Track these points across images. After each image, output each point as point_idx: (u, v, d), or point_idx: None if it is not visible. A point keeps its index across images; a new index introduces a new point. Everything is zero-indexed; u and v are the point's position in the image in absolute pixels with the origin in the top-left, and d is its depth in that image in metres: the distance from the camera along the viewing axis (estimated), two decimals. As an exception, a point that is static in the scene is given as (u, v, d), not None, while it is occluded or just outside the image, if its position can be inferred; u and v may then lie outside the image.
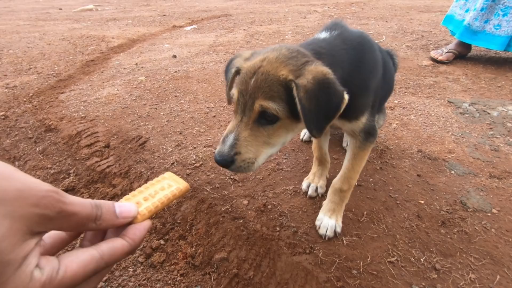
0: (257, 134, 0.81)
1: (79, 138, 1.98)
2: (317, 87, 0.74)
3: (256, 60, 0.82)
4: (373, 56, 1.05)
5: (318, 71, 0.77)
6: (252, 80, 0.79)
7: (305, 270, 1.08)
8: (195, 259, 1.26)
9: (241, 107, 0.81)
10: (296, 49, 0.85)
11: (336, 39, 0.99)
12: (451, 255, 1.10)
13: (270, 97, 0.77)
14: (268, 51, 0.85)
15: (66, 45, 3.83)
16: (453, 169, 1.51)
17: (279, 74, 0.78)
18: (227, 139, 0.81)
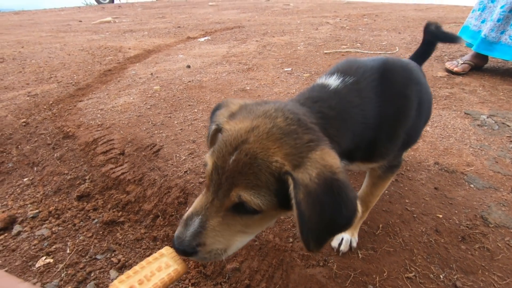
0: (230, 223, 0.63)
1: (95, 145, 2.03)
2: (323, 189, 0.54)
3: (242, 128, 0.62)
4: (399, 103, 0.84)
5: (325, 165, 0.56)
6: (232, 158, 0.59)
7: (319, 284, 1.06)
8: (207, 268, 1.25)
9: (214, 185, 0.62)
10: (297, 119, 0.63)
11: (351, 92, 0.78)
12: (473, 273, 1.05)
13: (253, 187, 0.58)
14: (259, 116, 0.64)
15: (85, 56, 3.97)
16: (473, 182, 1.46)
17: (271, 160, 0.58)
18: (191, 222, 0.62)
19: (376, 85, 0.81)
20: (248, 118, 0.64)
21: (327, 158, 0.58)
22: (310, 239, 0.56)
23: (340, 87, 0.79)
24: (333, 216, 0.55)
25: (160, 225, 1.48)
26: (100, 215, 1.59)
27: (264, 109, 0.65)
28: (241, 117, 0.66)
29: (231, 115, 0.70)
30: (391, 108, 0.82)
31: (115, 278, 1.26)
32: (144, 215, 1.55)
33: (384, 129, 0.83)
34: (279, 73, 3.14)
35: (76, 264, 1.33)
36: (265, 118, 0.62)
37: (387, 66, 0.85)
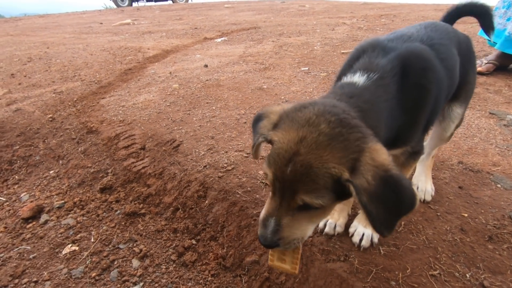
0: (299, 218, 0.72)
1: (117, 140, 2.09)
2: (381, 188, 0.60)
3: (290, 140, 0.66)
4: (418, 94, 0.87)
5: (377, 166, 0.62)
6: (289, 169, 0.65)
7: (340, 278, 1.05)
8: (226, 260, 1.27)
9: (279, 192, 0.69)
10: (339, 120, 0.66)
11: (378, 88, 0.81)
12: (501, 273, 1.02)
13: (313, 191, 0.65)
14: (303, 125, 0.66)
15: (106, 55, 4.10)
16: (499, 182, 1.41)
17: (327, 167, 0.63)
18: (268, 223, 0.72)
19: (398, 81, 0.85)
20: (293, 128, 0.68)
21: (377, 158, 0.63)
22: (383, 229, 0.63)
23: (368, 84, 0.82)
24: (396, 206, 0.62)
25: (180, 217, 1.51)
26: (122, 206, 1.64)
27: (306, 116, 0.68)
28: (286, 126, 0.70)
29: (274, 125, 0.74)
30: (411, 99, 0.87)
31: (137, 267, 1.30)
32: (165, 208, 1.58)
33: (407, 118, 0.88)
34: (296, 72, 3.14)
35: (100, 252, 1.37)
36: (310, 127, 0.66)
37: (405, 60, 0.87)
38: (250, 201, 1.41)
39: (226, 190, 1.49)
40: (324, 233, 1.20)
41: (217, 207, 1.45)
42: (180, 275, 1.25)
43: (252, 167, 1.61)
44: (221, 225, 1.39)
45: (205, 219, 1.44)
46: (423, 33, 1.01)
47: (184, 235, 1.42)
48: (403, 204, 0.61)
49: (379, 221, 0.61)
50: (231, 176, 1.57)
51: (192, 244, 1.37)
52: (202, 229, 1.42)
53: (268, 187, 1.48)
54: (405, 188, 0.61)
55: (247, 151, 1.77)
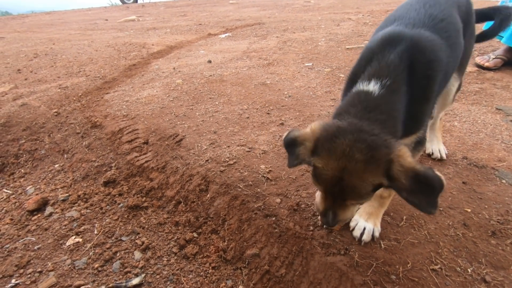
0: (349, 206, 0.90)
1: (121, 135, 2.11)
2: (415, 185, 0.74)
3: (333, 168, 0.79)
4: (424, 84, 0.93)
5: (406, 170, 0.75)
6: (337, 189, 0.82)
7: (340, 271, 1.05)
8: (227, 253, 1.28)
9: (331, 196, 0.88)
10: (368, 145, 0.77)
11: (393, 94, 0.88)
12: (504, 268, 1.00)
13: (359, 197, 0.83)
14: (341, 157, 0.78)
15: (111, 51, 4.12)
16: (504, 178, 1.39)
17: (368, 182, 0.78)
18: (328, 214, 0.91)
19: (406, 78, 0.91)
20: (332, 158, 0.79)
21: (404, 164, 0.75)
22: (428, 209, 0.75)
23: (383, 92, 0.88)
24: (431, 191, 0.73)
25: (182, 210, 1.51)
26: (125, 200, 1.65)
27: (341, 148, 0.78)
28: (325, 156, 0.81)
29: (312, 152, 0.84)
30: (419, 90, 0.92)
31: (139, 259, 1.32)
32: (167, 201, 1.59)
33: (415, 109, 0.94)
34: (299, 68, 3.12)
35: (103, 244, 1.39)
36: (347, 158, 0.77)
37: (411, 56, 0.91)
38: (251, 195, 1.41)
39: (228, 184, 1.50)
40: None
41: (219, 201, 1.46)
42: (181, 267, 1.26)
43: (254, 162, 1.61)
44: (222, 218, 1.40)
45: (207, 212, 1.45)
46: (423, 14, 1.01)
47: (185, 228, 1.43)
48: (435, 188, 0.73)
49: (423, 206, 0.74)
50: (233, 170, 1.58)
51: (193, 237, 1.38)
52: (204, 222, 1.43)
53: (269, 181, 1.48)
54: (432, 177, 0.72)
55: (249, 145, 1.77)
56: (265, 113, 2.18)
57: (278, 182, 1.47)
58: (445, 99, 1.46)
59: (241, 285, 1.16)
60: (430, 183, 0.72)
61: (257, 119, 2.09)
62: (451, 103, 1.49)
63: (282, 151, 1.70)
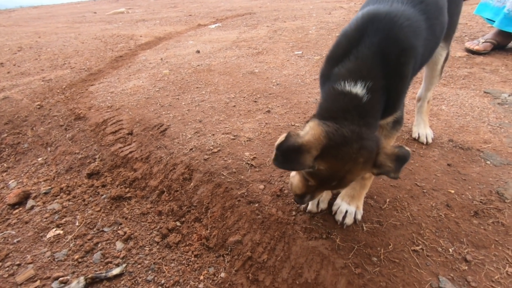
0: None
1: (105, 126, 2.06)
2: (396, 163, 0.88)
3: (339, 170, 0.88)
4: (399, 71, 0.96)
5: (389, 155, 0.88)
6: (335, 183, 0.90)
7: (321, 255, 1.04)
8: (210, 241, 1.26)
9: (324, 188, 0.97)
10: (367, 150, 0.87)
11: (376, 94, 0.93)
12: (485, 247, 1.00)
13: (347, 186, 0.95)
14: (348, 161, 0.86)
15: (98, 43, 4.03)
16: (489, 159, 1.38)
17: (362, 174, 0.93)
18: (305, 196, 0.99)
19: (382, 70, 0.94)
20: (339, 163, 0.87)
21: (387, 152, 0.89)
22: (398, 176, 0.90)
23: (369, 97, 0.92)
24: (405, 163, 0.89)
25: (165, 200, 1.49)
26: (108, 191, 1.62)
27: (348, 155, 0.86)
28: (333, 161, 0.87)
29: (317, 157, 0.87)
30: (394, 79, 0.95)
31: (121, 249, 1.29)
32: (150, 191, 1.57)
33: (393, 95, 0.98)
34: (289, 56, 3.07)
35: (84, 235, 1.36)
36: (352, 162, 0.86)
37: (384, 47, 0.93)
38: (234, 182, 1.39)
39: (211, 172, 1.47)
40: (307, 211, 1.18)
41: (202, 189, 1.43)
42: (163, 256, 1.24)
43: (238, 149, 1.59)
44: (206, 206, 1.37)
45: (190, 201, 1.43)
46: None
47: (168, 217, 1.41)
48: (406, 160, 0.89)
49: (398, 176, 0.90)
50: (217, 158, 1.55)
51: (176, 226, 1.36)
52: (187, 211, 1.40)
53: (253, 168, 1.46)
54: (404, 153, 0.88)
55: (234, 133, 1.74)
56: (252, 101, 2.14)
57: (262, 168, 1.45)
58: (433, 70, 1.48)
59: (223, 272, 1.14)
60: (405, 159, 0.89)
61: (244, 107, 2.06)
62: (439, 76, 1.51)
63: (267, 138, 1.68)
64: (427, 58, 1.24)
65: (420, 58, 1.04)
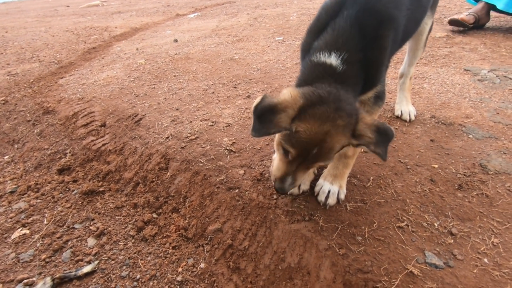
0: (309, 171, 1.01)
1: (76, 119, 1.94)
2: (379, 136, 0.84)
3: (317, 132, 0.83)
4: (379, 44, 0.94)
5: (370, 125, 0.85)
6: (314, 151, 0.84)
7: (304, 238, 0.98)
8: (188, 231, 1.19)
9: (299, 161, 0.88)
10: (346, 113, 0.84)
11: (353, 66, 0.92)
12: (470, 219, 0.97)
13: (328, 159, 0.87)
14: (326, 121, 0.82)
15: (69, 36, 3.83)
16: (471, 133, 1.36)
17: (342, 143, 0.86)
18: (286, 180, 0.91)
19: (360, 43, 0.92)
20: (317, 123, 0.83)
21: (367, 122, 0.86)
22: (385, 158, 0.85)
23: (345, 67, 0.90)
24: (388, 140, 0.85)
25: (141, 192, 1.40)
26: (80, 186, 1.52)
27: (326, 114, 0.83)
28: (310, 121, 0.83)
29: (295, 118, 0.84)
30: (373, 51, 0.93)
31: (93, 246, 1.21)
32: (125, 184, 1.48)
33: (372, 68, 0.95)
34: (269, 42, 2.99)
35: (53, 234, 1.27)
36: (331, 122, 0.82)
37: (361, 20, 0.92)
38: (213, 169, 1.32)
39: (189, 160, 1.39)
40: (289, 193, 1.13)
41: (180, 178, 1.36)
42: (138, 250, 1.16)
43: (217, 135, 1.51)
44: (184, 196, 1.30)
45: (167, 191, 1.35)
46: None
47: (144, 210, 1.33)
48: (390, 137, 0.85)
49: (383, 155, 0.84)
50: (194, 145, 1.47)
51: (152, 218, 1.28)
52: (164, 202, 1.32)
53: (233, 154, 1.39)
54: (387, 128, 0.85)
55: (213, 119, 1.66)
56: (231, 87, 2.06)
57: (242, 153, 1.38)
58: (417, 41, 1.45)
59: (203, 263, 1.08)
60: (387, 133, 0.84)
61: (223, 93, 1.98)
62: (423, 48, 1.48)
63: (247, 123, 1.61)
64: (413, 30, 1.21)
65: (402, 29, 1.02)
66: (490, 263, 0.84)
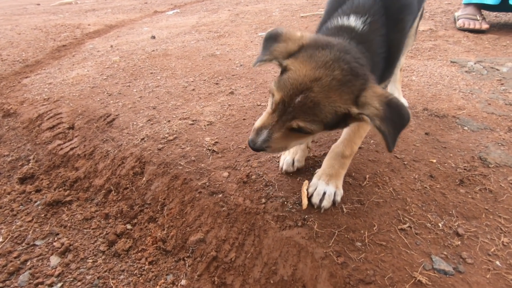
0: (287, 136, 0.81)
1: (41, 121, 1.75)
2: (388, 111, 0.70)
3: (306, 75, 0.73)
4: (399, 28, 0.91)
5: (379, 96, 0.72)
6: (297, 99, 0.73)
7: (298, 246, 0.88)
8: (167, 243, 1.05)
9: (279, 112, 0.77)
10: (350, 69, 0.73)
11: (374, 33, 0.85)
12: (475, 217, 0.89)
13: (311, 121, 0.74)
14: (321, 66, 0.72)
15: (37, 34, 3.56)
16: (466, 125, 1.30)
17: (333, 105, 0.72)
18: (261, 133, 0.80)
19: (384, 21, 0.87)
20: (311, 65, 0.73)
21: (377, 91, 0.73)
22: (391, 145, 0.70)
23: (366, 29, 0.84)
24: (400, 122, 0.72)
25: (113, 200, 1.25)
26: (44, 196, 1.35)
27: (324, 58, 0.73)
28: (304, 60, 0.75)
29: (290, 54, 0.77)
30: (393, 35, 0.88)
31: (56, 265, 1.05)
32: (95, 192, 1.32)
33: (392, 54, 0.89)
34: (252, 37, 2.88)
35: (9, 253, 1.10)
36: (326, 70, 0.72)
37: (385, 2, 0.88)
38: (194, 172, 1.19)
39: (167, 163, 1.25)
40: (283, 171, 1.10)
41: (157, 183, 1.22)
42: (110, 268, 1.02)
43: (198, 135, 1.38)
44: (161, 203, 1.16)
45: (143, 198, 1.21)
46: None
47: (117, 221, 1.18)
48: (404, 118, 0.71)
49: (390, 139, 0.69)
50: (173, 146, 1.33)
51: (126, 230, 1.13)
52: (139, 211, 1.18)
53: (215, 154, 1.26)
54: (403, 106, 0.72)
55: (193, 118, 1.52)
56: (213, 83, 1.93)
57: (226, 154, 1.26)
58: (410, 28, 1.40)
59: (184, 279, 0.95)
60: (401, 111, 0.71)
61: (204, 90, 1.84)
62: (414, 36, 1.43)
63: (230, 120, 1.49)
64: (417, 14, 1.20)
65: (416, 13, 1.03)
66: (503, 266, 0.76)
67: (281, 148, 0.85)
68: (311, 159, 1.17)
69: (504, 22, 2.84)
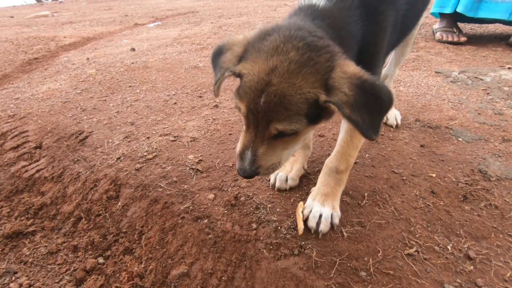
0: (274, 146, 0.71)
1: (4, 140, 1.58)
2: (360, 95, 0.59)
3: (260, 71, 0.64)
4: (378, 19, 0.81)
5: (350, 76, 0.61)
6: (262, 100, 0.64)
7: (295, 279, 0.77)
8: (145, 279, 0.92)
9: (253, 124, 0.69)
10: (307, 44, 0.63)
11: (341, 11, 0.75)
12: (485, 238, 0.83)
13: (286, 118, 0.65)
14: (272, 55, 0.64)
15: (7, 46, 3.36)
16: (460, 136, 1.27)
17: (302, 92, 0.63)
18: (245, 156, 0.72)
19: (358, 4, 0.77)
20: (261, 58, 0.65)
21: (347, 70, 0.62)
22: (370, 133, 0.60)
23: (329, 5, 0.75)
24: (378, 107, 0.61)
25: (83, 229, 1.11)
26: (2, 227, 1.18)
27: (273, 44, 0.65)
28: (254, 58, 0.67)
29: (240, 58, 0.70)
30: (372, 27, 0.78)
31: (12, 312, 0.89)
32: (63, 220, 1.17)
33: (368, 46, 0.79)
34: (236, 49, 2.82)
35: (-46, 299, 0.93)
36: (279, 56, 0.63)
37: None
38: (176, 195, 1.07)
39: (145, 185, 1.13)
40: (276, 188, 1.01)
41: (134, 209, 1.09)
42: (76, 313, 0.87)
43: (180, 152, 1.27)
44: (139, 231, 1.03)
45: (117, 226, 1.07)
46: None
47: (87, 253, 1.03)
48: (383, 103, 0.61)
49: (366, 128, 0.59)
50: (152, 166, 1.21)
51: (97, 264, 0.99)
52: (114, 241, 1.04)
53: (200, 174, 1.15)
54: (381, 87, 0.61)
55: (175, 134, 1.41)
56: (196, 96, 1.83)
57: (211, 173, 1.15)
58: (410, 35, 1.28)
59: (164, 323, 0.82)
60: (379, 95, 0.60)
61: (187, 104, 1.74)
62: (412, 45, 1.35)
63: (215, 136, 1.38)
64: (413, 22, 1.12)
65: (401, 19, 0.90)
66: (522, 293, 0.69)
67: (275, 165, 0.75)
68: (304, 177, 1.08)
69: (480, 34, 2.94)
